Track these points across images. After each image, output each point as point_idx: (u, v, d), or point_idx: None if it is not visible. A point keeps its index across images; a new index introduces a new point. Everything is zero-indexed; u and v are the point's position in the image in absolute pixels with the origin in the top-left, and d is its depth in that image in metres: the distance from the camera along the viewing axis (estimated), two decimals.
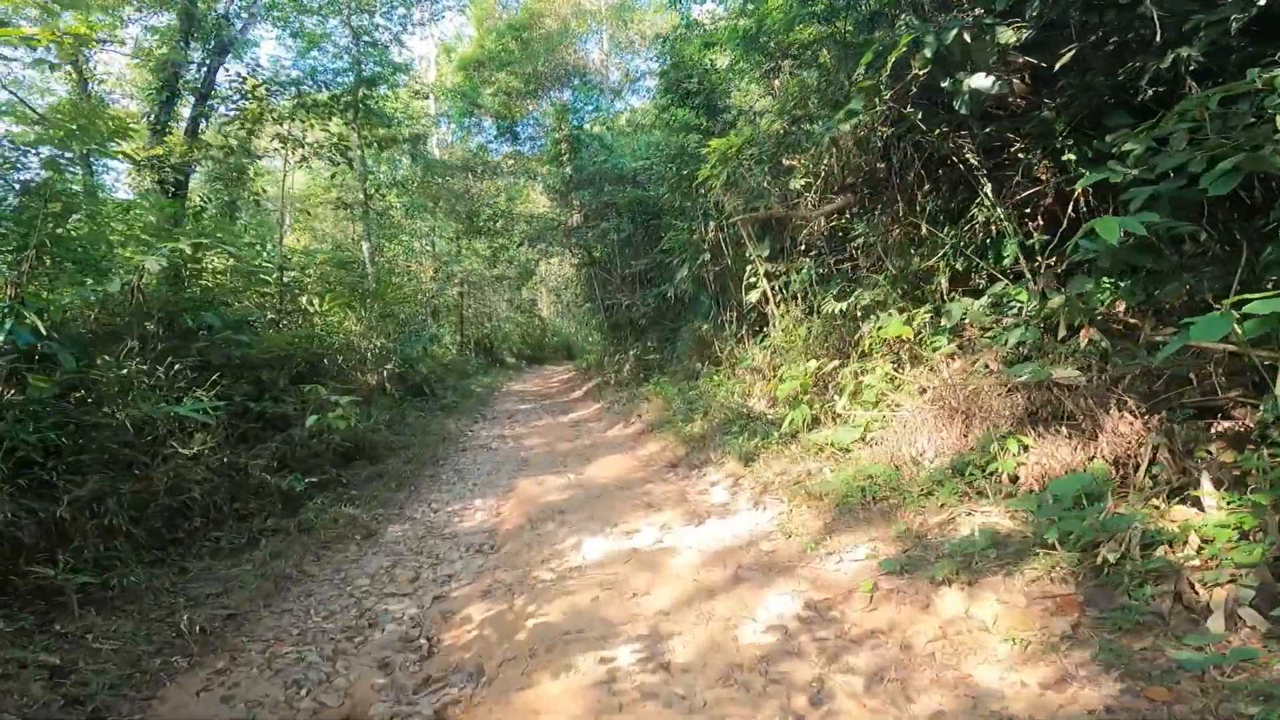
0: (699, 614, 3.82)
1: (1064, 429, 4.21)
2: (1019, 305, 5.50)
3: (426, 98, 19.62)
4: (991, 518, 3.89)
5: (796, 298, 8.50)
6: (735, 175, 8.20)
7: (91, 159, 11.88)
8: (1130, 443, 3.96)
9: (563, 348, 27.25)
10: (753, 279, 9.31)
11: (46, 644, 3.51)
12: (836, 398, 6.33)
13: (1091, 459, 4.04)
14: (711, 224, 9.95)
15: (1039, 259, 5.53)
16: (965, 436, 4.78)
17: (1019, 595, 3.19)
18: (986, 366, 5.35)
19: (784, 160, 9.20)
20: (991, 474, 4.24)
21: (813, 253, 8.55)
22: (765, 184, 9.36)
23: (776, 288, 9.07)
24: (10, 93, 13.65)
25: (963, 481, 4.35)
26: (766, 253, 9.21)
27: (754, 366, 8.91)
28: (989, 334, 5.69)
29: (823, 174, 7.99)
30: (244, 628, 4.04)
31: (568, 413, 12.20)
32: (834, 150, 7.51)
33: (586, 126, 16.93)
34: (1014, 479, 4.19)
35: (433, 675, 3.63)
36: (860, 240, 7.43)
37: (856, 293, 6.65)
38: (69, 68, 14.22)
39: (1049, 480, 3.94)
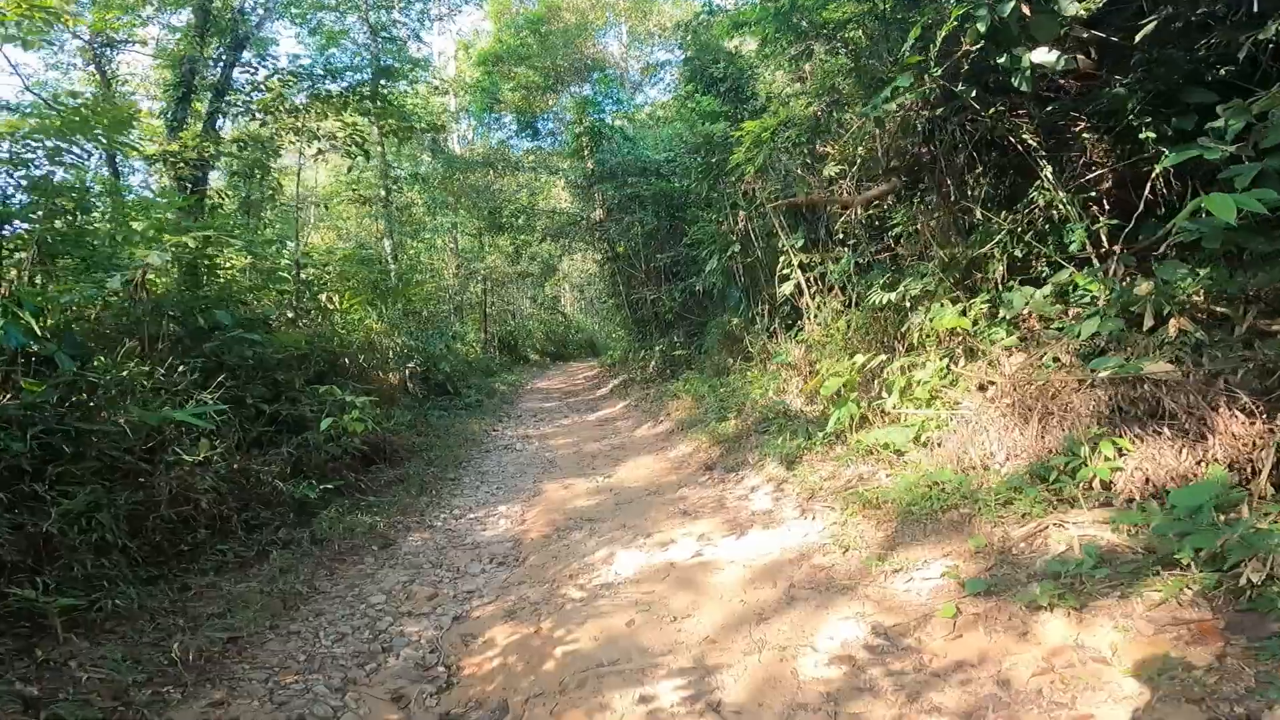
0: (750, 641, 3.34)
1: (1165, 430, 3.66)
2: (1087, 294, 4.95)
3: (446, 93, 19.29)
4: (1087, 530, 3.36)
5: (834, 289, 7.97)
6: (771, 158, 7.66)
7: (118, 158, 11.74)
8: (1247, 445, 3.40)
9: (586, 344, 26.86)
10: (786, 270, 8.80)
11: (25, 672, 3.13)
12: (885, 395, 5.80)
13: (1199, 463, 3.49)
14: (741, 214, 9.44)
15: (1110, 244, 4.99)
16: (1042, 438, 4.23)
17: (1141, 621, 2.66)
18: (1056, 360, 4.79)
19: (817, 146, 8.70)
20: (1081, 480, 3.70)
21: (851, 242, 8.01)
22: (799, 170, 8.86)
23: (811, 279, 8.55)
24: (34, 94, 13.58)
25: (1046, 488, 3.81)
26: (800, 243, 8.68)
27: (788, 362, 8.40)
28: (1055, 325, 5.14)
29: (860, 159, 7.47)
30: (246, 653, 3.64)
31: (594, 411, 11.77)
32: (877, 132, 6.97)
33: (607, 120, 16.46)
34: (1107, 486, 3.65)
35: (451, 712, 3.20)
36: (899, 228, 6.90)
37: (906, 282, 6.10)
38: (92, 69, 14.13)
39: (1154, 488, 3.40)
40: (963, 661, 2.86)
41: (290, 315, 7.14)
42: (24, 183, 6.00)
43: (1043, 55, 4.75)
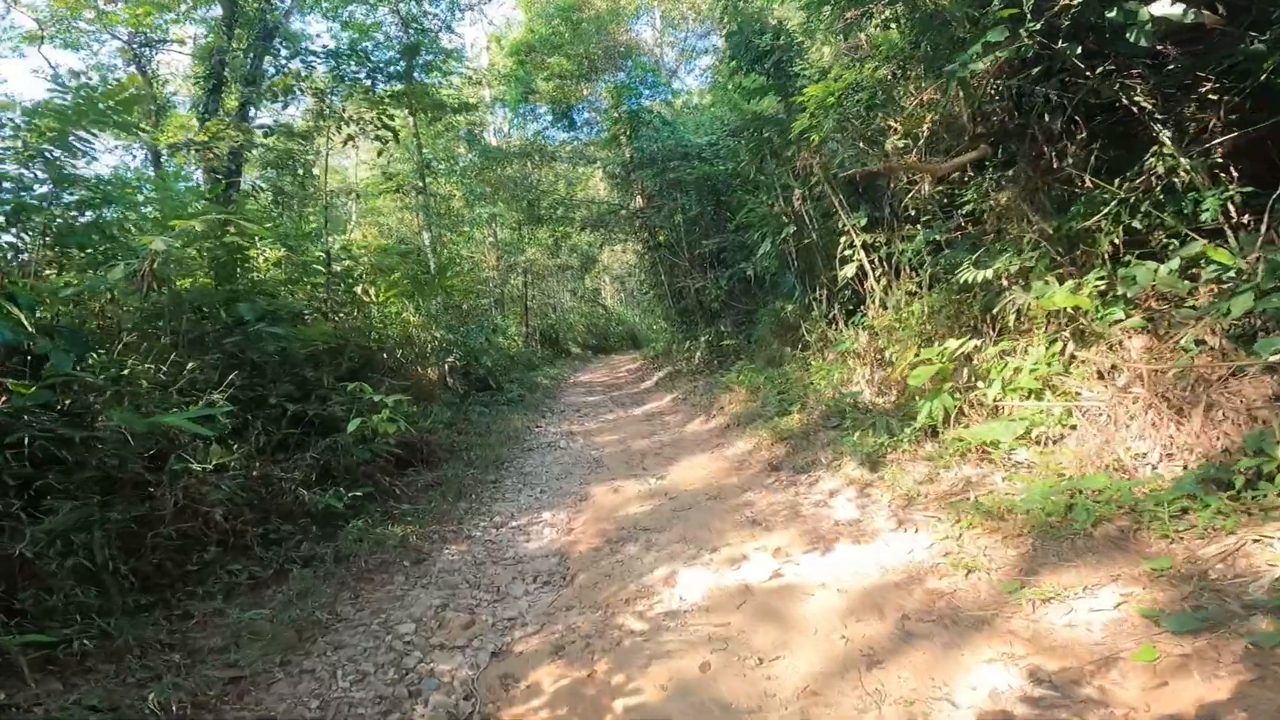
0: (863, 693, 2.60)
1: None
2: (1222, 269, 4.06)
3: (479, 83, 18.76)
4: None
5: (906, 270, 7.12)
6: (843, 122, 6.81)
7: (163, 155, 11.46)
8: None
9: (628, 337, 26.20)
10: (847, 251, 7.95)
11: None
12: (980, 384, 4.95)
13: None
14: (797, 193, 8.60)
15: (1240, 215, 4.11)
16: (1208, 433, 3.37)
17: None
18: (1200, 343, 3.90)
19: (883, 116, 7.85)
20: None
21: (925, 218, 7.13)
22: (861, 142, 8.00)
23: (877, 260, 7.69)
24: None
25: (1230, 496, 2.96)
26: (863, 222, 7.82)
27: (852, 350, 7.57)
28: (1189, 304, 4.24)
29: (934, 126, 6.60)
30: (249, 696, 3.04)
31: (640, 405, 11.07)
32: (960, 95, 6.09)
33: (645, 103, 15.68)
34: None
35: None
36: (974, 204, 6.06)
37: (1004, 257, 5.23)
38: (133, 69, 13.95)
39: None
40: (1177, 717, 2.08)
41: (322, 309, 6.58)
42: (40, 174, 5.55)
43: (1165, 8, 4.16)
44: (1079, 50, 4.74)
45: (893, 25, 6.89)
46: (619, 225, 18.46)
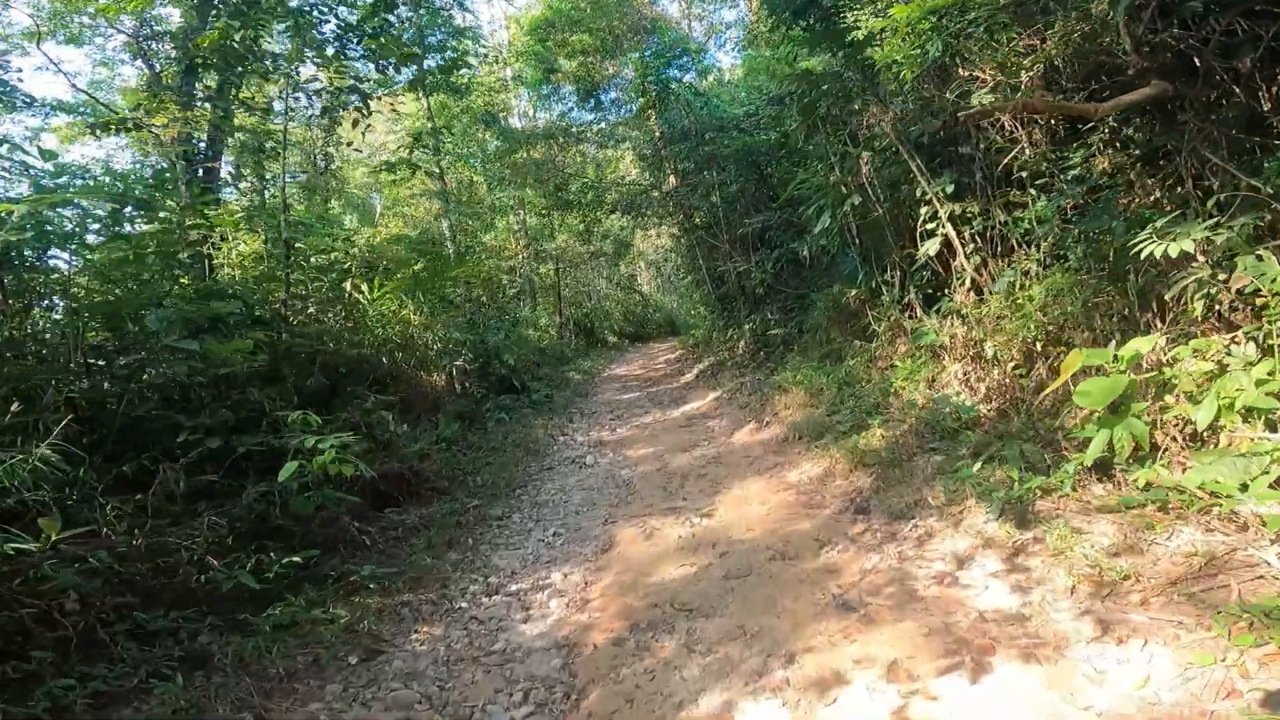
0: None
1: None
2: None
3: (495, 60, 17.25)
4: None
5: (1018, 245, 5.43)
6: (951, 51, 5.09)
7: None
8: None
9: (666, 324, 24.60)
10: (929, 224, 6.25)
11: None
12: (1171, 399, 3.26)
13: None
14: (864, 157, 6.88)
15: None
16: None
17: None
18: None
19: (958, 69, 6.13)
20: None
21: (1041, 180, 5.39)
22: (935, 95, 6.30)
23: (967, 235, 6.00)
24: (82, 91, 12.44)
25: None
26: (950, 189, 6.11)
27: (937, 343, 5.91)
28: None
29: (1047, 63, 4.90)
30: None
31: (679, 404, 9.52)
32: (1123, 20, 4.35)
33: (674, 74, 13.93)
34: None
35: None
36: (1103, 163, 4.37)
37: (1198, 225, 3.51)
38: (139, 63, 12.87)
39: None
40: None
41: (283, 311, 5.20)
42: None
43: None
44: None
45: None
46: (652, 208, 16.88)
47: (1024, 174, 5.42)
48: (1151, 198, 4.59)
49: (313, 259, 6.54)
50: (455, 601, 3.84)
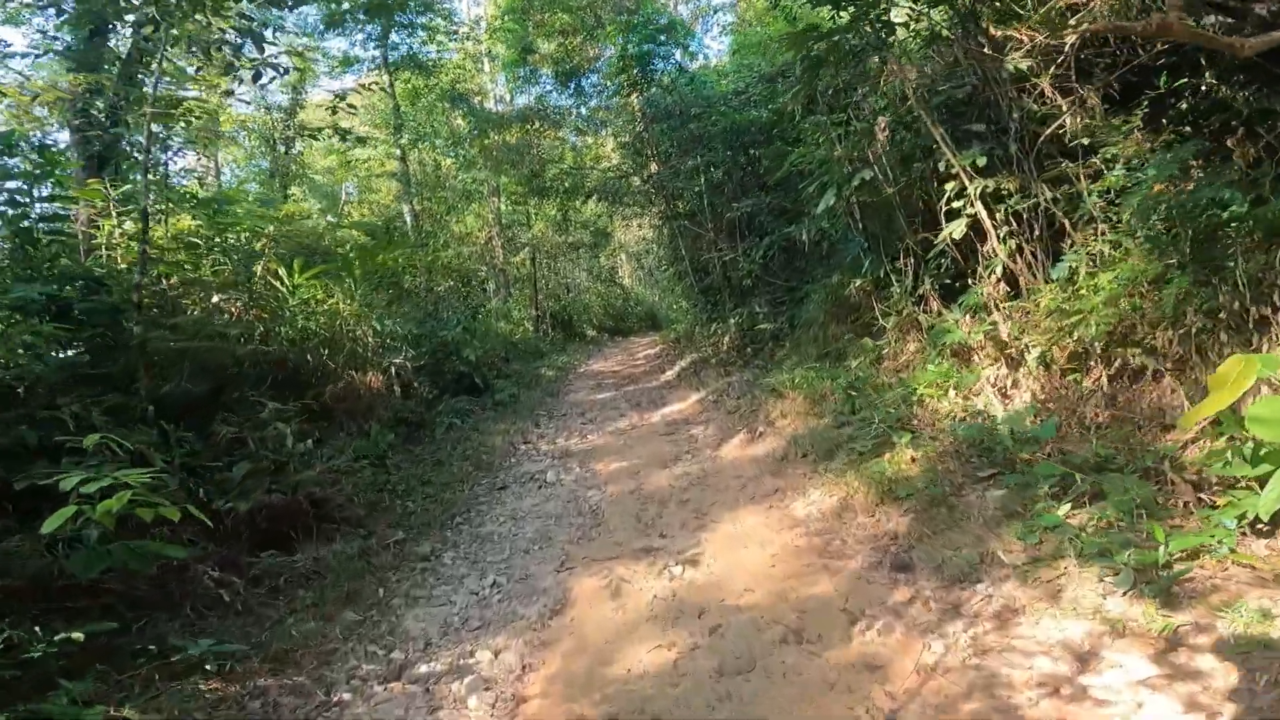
0: None
1: None
2: None
3: (469, 37, 15.91)
4: None
5: (1084, 225, 4.37)
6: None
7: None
8: None
9: (647, 317, 23.42)
10: (956, 203, 5.19)
11: None
12: None
13: None
14: (881, 123, 5.77)
15: None
16: None
17: None
18: None
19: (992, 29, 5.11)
20: None
21: (1105, 150, 4.35)
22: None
23: (1004, 216, 4.96)
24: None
25: None
26: (982, 162, 5.05)
27: (967, 341, 4.86)
28: None
29: None
30: None
31: (658, 405, 8.37)
32: None
33: (657, 49, 12.70)
34: None
35: None
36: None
37: None
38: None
39: None
40: None
41: (134, 298, 3.91)
42: None
43: None
44: None
45: None
46: (632, 196, 15.72)
47: (1084, 142, 4.35)
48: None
49: (218, 239, 5.29)
50: (335, 690, 2.66)
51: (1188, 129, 4.26)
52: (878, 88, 5.69)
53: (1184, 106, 4.31)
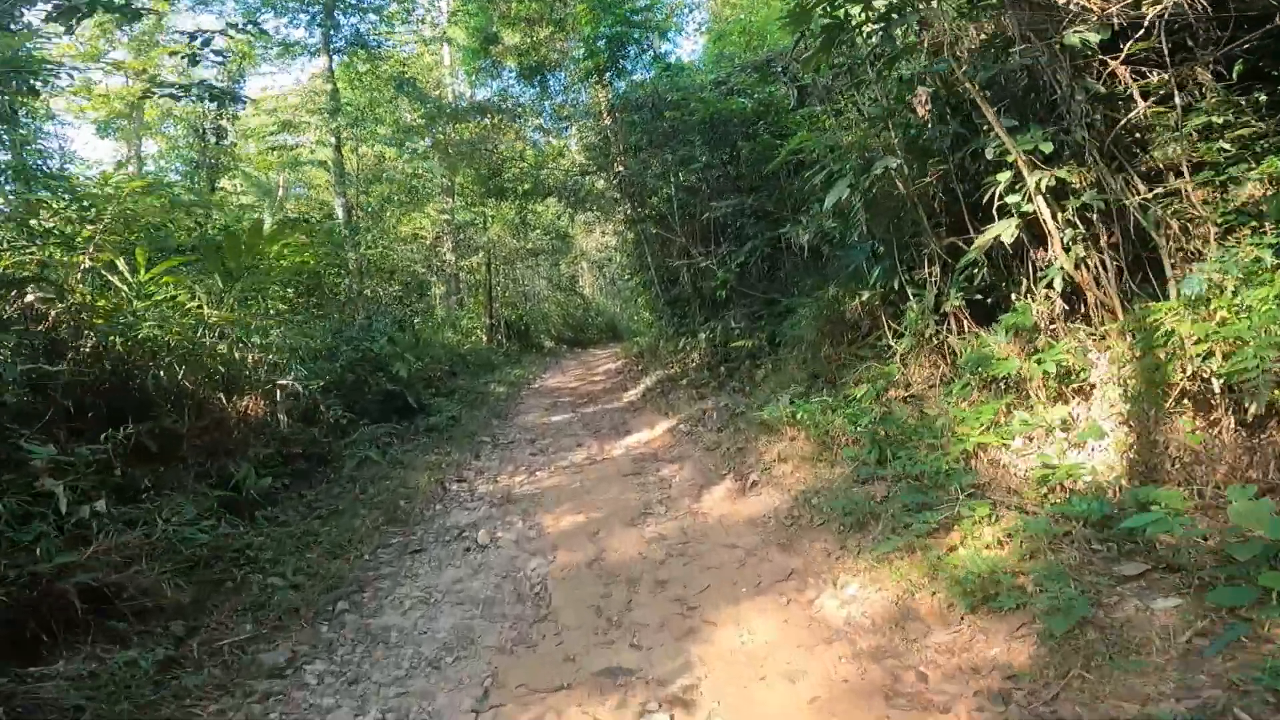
0: None
1: None
2: None
3: (423, 22, 14.50)
4: None
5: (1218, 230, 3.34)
6: None
7: None
8: None
9: (607, 328, 22.17)
10: (1011, 198, 4.15)
11: None
12: None
13: None
14: (921, 95, 4.69)
15: None
16: None
17: None
18: None
19: None
20: None
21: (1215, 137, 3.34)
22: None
23: (1062, 219, 3.92)
24: None
25: None
26: (1049, 148, 3.99)
27: (1029, 374, 3.79)
28: None
29: None
30: None
31: (621, 433, 7.09)
32: None
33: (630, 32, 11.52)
34: None
35: None
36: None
37: None
38: None
39: None
40: None
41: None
42: None
43: None
44: None
45: None
46: (595, 201, 14.50)
47: (1211, 119, 3.32)
48: None
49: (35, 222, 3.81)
50: None
51: None
52: (911, 56, 4.59)
53: None
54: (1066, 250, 3.87)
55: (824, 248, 6.04)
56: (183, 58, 5.21)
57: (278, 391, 4.35)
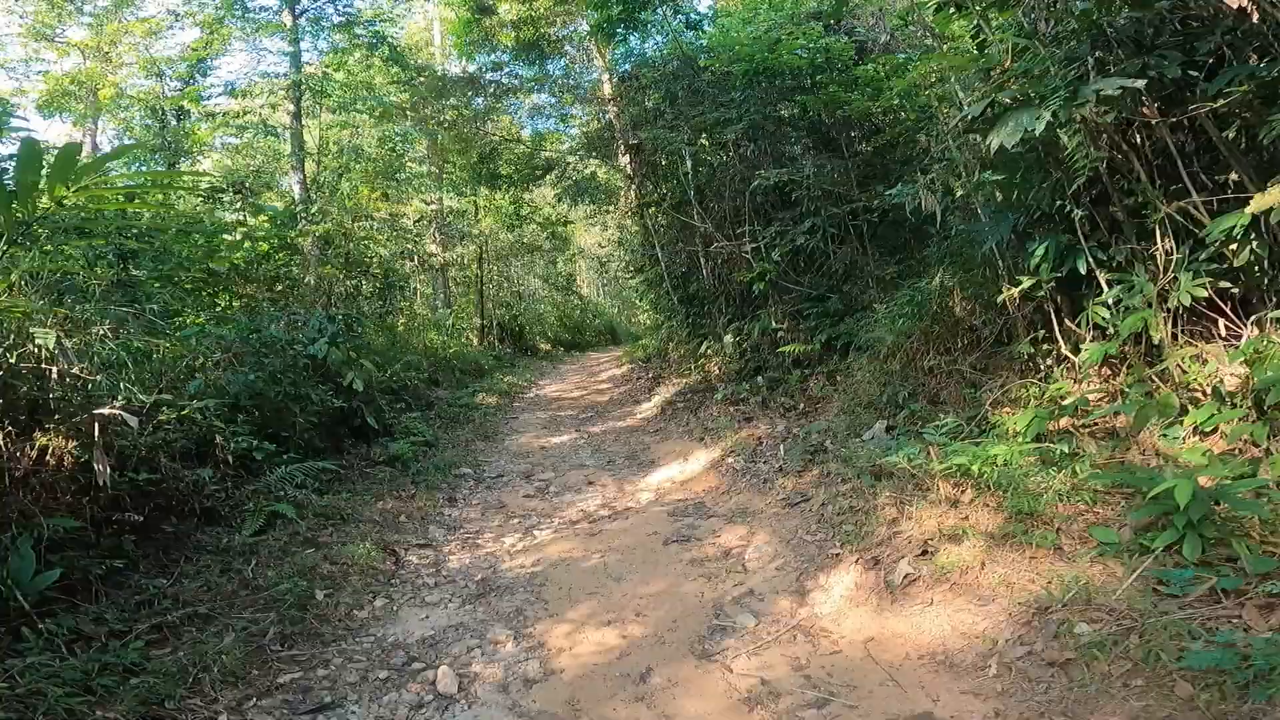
0: None
1: None
2: None
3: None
4: None
5: None
6: None
7: None
8: None
9: (606, 330, 20.41)
10: None
11: None
12: None
13: None
14: None
15: None
16: None
17: None
18: None
19: None
20: None
21: None
22: None
23: None
24: None
25: None
26: None
27: None
28: None
29: None
30: None
31: (646, 467, 5.29)
32: None
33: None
34: None
35: None
36: None
37: None
38: None
39: None
40: None
41: None
42: None
43: None
44: None
45: None
46: (598, 193, 12.81)
47: None
48: None
49: None
50: None
51: None
52: None
53: None
54: None
55: (937, 222, 4.25)
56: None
57: (95, 427, 2.51)
